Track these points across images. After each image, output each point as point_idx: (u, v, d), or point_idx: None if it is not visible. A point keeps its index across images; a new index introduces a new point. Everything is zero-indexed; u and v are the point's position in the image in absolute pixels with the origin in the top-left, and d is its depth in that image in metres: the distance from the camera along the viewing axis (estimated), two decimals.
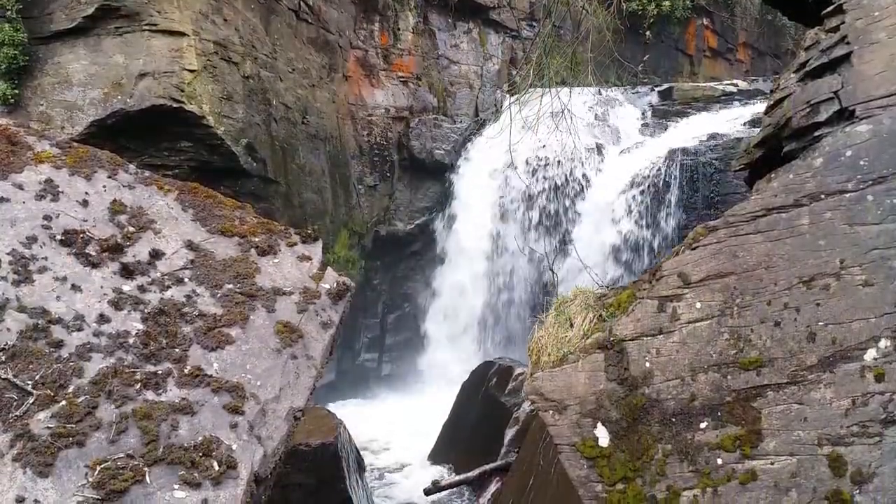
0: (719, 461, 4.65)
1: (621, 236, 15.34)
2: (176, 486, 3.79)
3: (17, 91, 11.95)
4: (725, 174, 14.28)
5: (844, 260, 4.73)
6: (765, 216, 4.97)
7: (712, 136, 15.73)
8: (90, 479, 3.68)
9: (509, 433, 11.10)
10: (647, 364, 4.95)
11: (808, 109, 5.37)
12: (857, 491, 4.35)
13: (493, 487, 10.18)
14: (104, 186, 5.25)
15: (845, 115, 5.20)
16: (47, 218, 4.86)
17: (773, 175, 5.25)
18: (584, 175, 16.54)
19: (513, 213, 17.15)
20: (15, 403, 3.91)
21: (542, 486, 8.16)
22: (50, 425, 3.85)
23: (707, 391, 4.79)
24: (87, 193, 5.14)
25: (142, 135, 12.49)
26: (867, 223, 4.77)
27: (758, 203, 5.03)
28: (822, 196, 4.91)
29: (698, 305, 4.93)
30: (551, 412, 5.09)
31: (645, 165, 15.53)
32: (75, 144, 5.61)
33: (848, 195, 4.86)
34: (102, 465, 3.74)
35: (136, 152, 12.33)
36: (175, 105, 12.12)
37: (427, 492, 10.81)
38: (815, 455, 4.48)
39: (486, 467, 10.65)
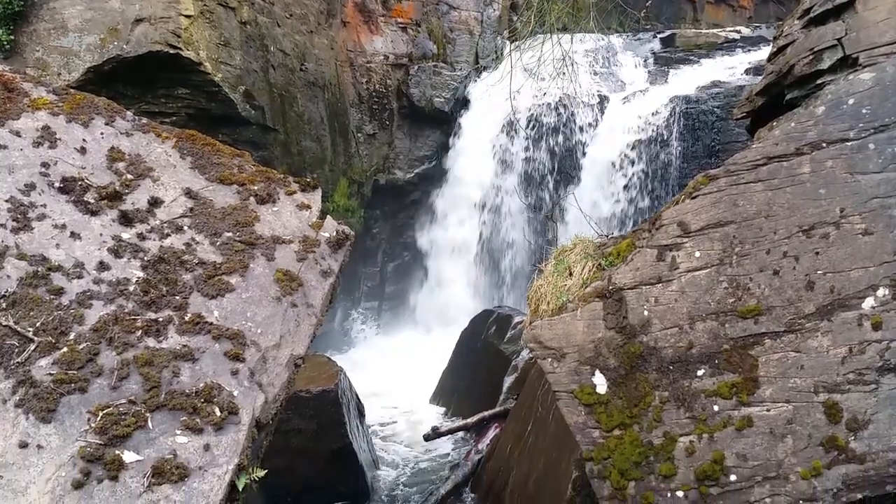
0: (716, 408, 4.70)
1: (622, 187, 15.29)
2: (178, 432, 3.82)
3: (12, 37, 11.81)
4: (727, 122, 14.19)
5: (844, 209, 4.72)
6: (766, 165, 4.95)
7: (714, 84, 15.60)
8: (93, 425, 3.71)
9: (508, 380, 11.20)
10: (646, 312, 4.97)
11: (811, 57, 5.33)
12: (853, 437, 4.41)
13: (491, 433, 10.30)
14: (102, 133, 5.21)
15: (848, 63, 5.16)
16: (45, 165, 4.83)
17: (774, 123, 5.22)
18: (586, 123, 16.43)
19: (513, 161, 17.07)
20: (16, 350, 3.93)
21: (540, 432, 8.26)
22: (51, 372, 3.87)
23: (705, 339, 4.81)
24: (84, 140, 5.10)
25: (139, 81, 12.38)
26: (868, 172, 4.75)
27: (759, 151, 5.01)
28: (824, 144, 4.89)
29: (697, 254, 4.93)
30: (550, 360, 5.12)
31: (647, 114, 15.41)
32: (72, 91, 5.55)
33: (849, 143, 4.84)
34: (105, 411, 3.77)
35: (134, 99, 12.24)
36: (172, 51, 11.99)
37: (426, 437, 10.93)
38: (811, 402, 4.52)
39: (485, 414, 10.75)
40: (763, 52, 15.16)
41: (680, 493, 4.69)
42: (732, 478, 4.58)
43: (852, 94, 4.95)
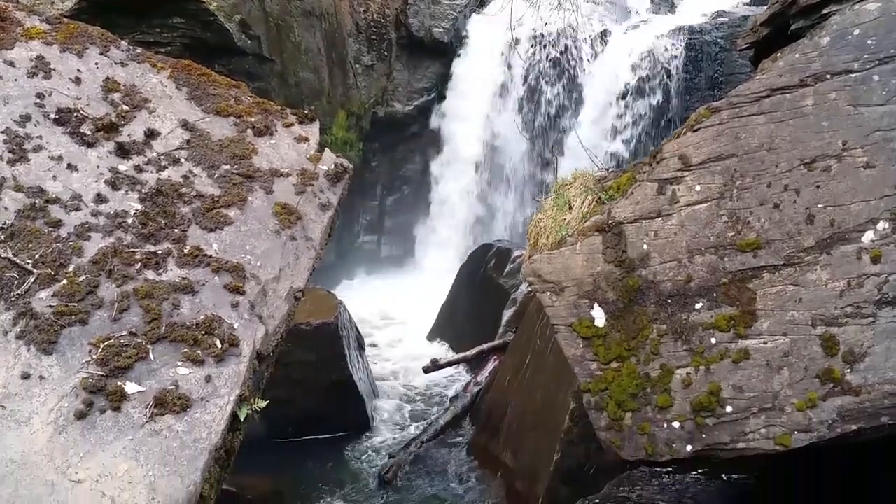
0: (713, 340, 4.73)
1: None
2: (179, 363, 3.84)
3: None
4: (731, 53, 14.00)
5: (847, 141, 4.68)
6: (769, 97, 4.90)
7: (719, 14, 15.35)
8: (94, 357, 3.73)
9: (507, 314, 11.28)
10: (645, 246, 4.97)
11: None
12: (849, 370, 4.45)
13: (490, 366, 10.42)
14: (96, 64, 5.13)
15: None
16: (40, 96, 4.76)
17: (778, 54, 5.14)
18: (588, 55, 16.22)
19: (513, 92, 16.91)
20: (16, 282, 3.92)
21: (539, 364, 8.35)
22: (52, 304, 3.88)
23: (703, 273, 4.82)
24: (79, 71, 5.03)
25: (133, 10, 12.17)
26: (872, 104, 4.70)
27: (762, 83, 4.94)
28: (828, 76, 4.82)
29: (698, 188, 4.91)
30: (549, 293, 5.14)
31: (650, 44, 15.19)
32: (65, 20, 5.45)
33: (853, 75, 4.78)
34: (106, 343, 3.78)
35: (128, 29, 12.04)
36: None
37: (426, 370, 11.06)
38: (808, 335, 4.55)
39: (484, 346, 10.86)
40: None
41: (676, 424, 4.75)
42: (728, 409, 4.64)
43: (858, 24, 4.87)
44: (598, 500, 6.74)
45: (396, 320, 14.25)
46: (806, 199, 4.69)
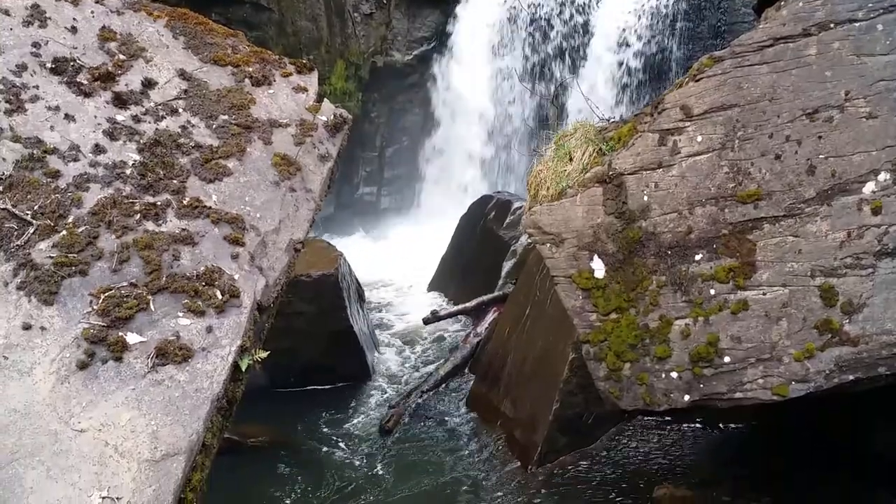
0: (712, 292, 4.75)
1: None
2: (180, 314, 3.86)
3: None
4: (734, 1, 13.83)
5: (850, 92, 4.65)
6: (772, 46, 4.84)
7: None
8: (95, 307, 3.74)
9: (506, 266, 11.30)
10: (646, 198, 4.96)
11: None
12: (847, 320, 4.47)
13: (490, 317, 10.46)
14: (92, 12, 5.07)
15: None
16: (36, 45, 4.71)
17: (782, 3, 5.08)
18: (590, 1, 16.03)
19: (515, 41, 16.73)
20: (16, 233, 3.92)
21: (538, 316, 8.38)
22: (52, 255, 3.88)
23: (703, 224, 4.82)
24: (75, 20, 4.97)
25: None
26: (875, 54, 4.66)
27: (765, 32, 4.89)
28: (832, 25, 4.77)
29: (699, 138, 4.89)
30: (549, 245, 5.15)
31: None
32: None
33: (857, 24, 4.73)
34: (106, 294, 3.79)
35: None
36: None
37: (426, 321, 11.11)
38: (807, 286, 4.56)
39: (484, 298, 10.89)
40: None
41: (674, 374, 4.79)
42: (726, 359, 4.67)
43: None
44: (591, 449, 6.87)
45: (396, 272, 14.27)
46: (807, 149, 4.67)
